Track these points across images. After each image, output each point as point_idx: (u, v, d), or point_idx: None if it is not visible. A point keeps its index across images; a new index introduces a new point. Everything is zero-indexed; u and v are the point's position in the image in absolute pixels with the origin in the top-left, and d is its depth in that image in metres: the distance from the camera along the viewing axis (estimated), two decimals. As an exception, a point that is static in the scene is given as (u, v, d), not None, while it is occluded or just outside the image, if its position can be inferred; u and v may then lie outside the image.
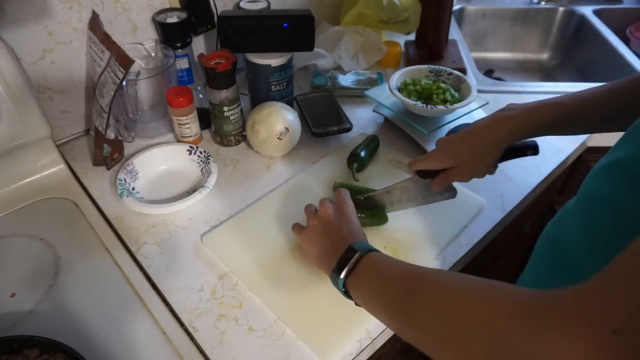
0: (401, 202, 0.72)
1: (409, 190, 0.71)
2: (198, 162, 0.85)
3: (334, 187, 0.77)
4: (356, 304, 0.52)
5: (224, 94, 0.85)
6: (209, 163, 0.83)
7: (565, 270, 0.51)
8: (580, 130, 0.67)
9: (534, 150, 0.68)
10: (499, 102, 1.01)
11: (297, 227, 0.66)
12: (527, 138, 0.64)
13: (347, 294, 0.53)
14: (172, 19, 0.89)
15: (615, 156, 0.48)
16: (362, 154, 0.83)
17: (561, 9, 1.41)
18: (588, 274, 0.40)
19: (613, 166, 0.48)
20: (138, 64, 0.89)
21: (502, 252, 1.03)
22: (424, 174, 0.67)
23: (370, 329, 0.61)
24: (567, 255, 0.51)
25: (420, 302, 0.42)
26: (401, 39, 1.18)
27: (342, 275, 0.52)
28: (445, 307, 0.39)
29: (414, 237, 0.72)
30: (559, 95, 0.63)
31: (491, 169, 0.67)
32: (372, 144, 0.86)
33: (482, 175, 0.67)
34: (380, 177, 0.83)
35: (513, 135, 0.62)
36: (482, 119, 0.65)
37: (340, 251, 0.54)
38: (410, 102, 0.84)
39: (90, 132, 0.89)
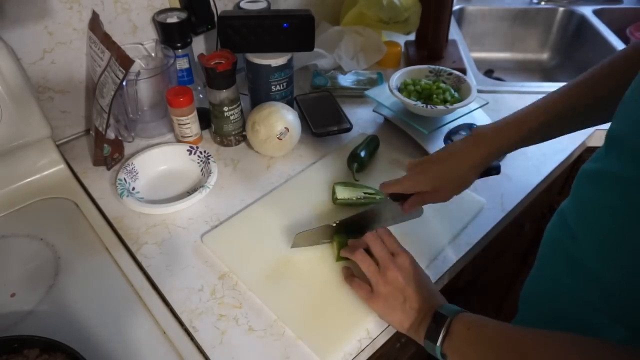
0: (373, 225, 0.71)
1: (380, 213, 0.71)
2: (198, 162, 0.85)
3: (333, 191, 0.77)
4: None
5: (224, 94, 0.85)
6: (209, 163, 0.83)
7: (580, 274, 0.51)
8: (557, 134, 0.66)
9: (497, 170, 0.70)
10: (499, 102, 1.02)
11: (362, 291, 0.62)
12: (502, 156, 0.65)
13: (443, 358, 0.53)
14: (172, 19, 0.89)
15: (608, 134, 0.48)
16: (362, 154, 0.83)
17: (561, 9, 1.41)
18: (603, 276, 0.40)
19: (610, 145, 0.48)
20: (138, 64, 0.89)
21: (502, 252, 1.03)
22: (396, 196, 0.67)
23: (370, 328, 0.61)
24: (576, 258, 0.51)
25: None
26: (401, 39, 1.18)
27: (438, 343, 0.52)
28: None
29: (413, 237, 0.72)
30: (530, 104, 0.64)
31: (464, 189, 0.67)
32: (372, 144, 0.86)
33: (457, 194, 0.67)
34: (380, 177, 0.82)
35: (491, 158, 0.63)
36: (455, 143, 0.66)
37: (427, 316, 0.55)
38: (410, 102, 0.84)
39: (91, 132, 0.89)
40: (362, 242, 0.64)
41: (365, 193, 0.76)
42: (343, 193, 0.76)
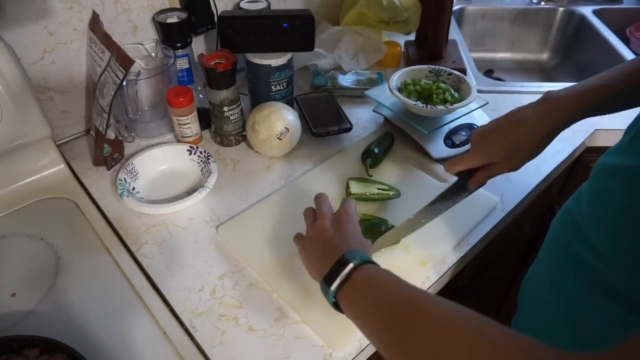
0: (441, 210, 0.69)
1: (449, 194, 0.68)
2: (198, 162, 0.85)
3: (347, 186, 0.78)
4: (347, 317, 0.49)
5: (224, 94, 0.85)
6: (209, 163, 0.83)
7: (586, 274, 0.51)
8: (622, 108, 0.63)
9: None
10: (499, 102, 1.02)
11: (297, 238, 0.62)
12: (571, 123, 0.61)
13: (337, 306, 0.50)
14: (172, 19, 0.89)
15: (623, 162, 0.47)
16: (376, 150, 0.84)
17: (561, 9, 1.41)
18: (608, 276, 0.40)
19: (620, 172, 0.47)
20: (138, 64, 0.89)
21: (502, 252, 1.03)
22: (464, 174, 0.64)
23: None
24: (582, 257, 0.51)
25: (418, 340, 0.39)
26: (401, 39, 1.18)
27: (333, 288, 0.48)
28: (450, 354, 0.36)
29: (424, 235, 0.72)
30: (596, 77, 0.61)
31: (533, 158, 0.64)
32: (386, 140, 0.87)
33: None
34: (393, 173, 0.84)
35: (564, 125, 0.60)
36: (524, 109, 0.62)
37: (333, 259, 0.50)
38: (410, 102, 0.84)
39: (91, 132, 0.89)
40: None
41: (378, 189, 0.77)
42: (357, 188, 0.76)
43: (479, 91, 0.99)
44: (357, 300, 0.47)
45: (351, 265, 0.48)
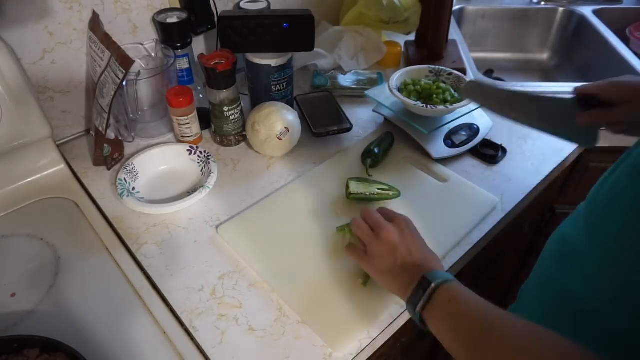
0: (537, 118, 0.65)
1: (555, 109, 0.64)
2: (198, 162, 0.85)
3: (347, 186, 0.78)
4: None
5: (224, 94, 0.85)
6: (209, 163, 0.83)
7: (580, 275, 0.51)
8: None
9: None
10: (499, 102, 1.02)
11: (356, 253, 0.62)
12: None
13: (423, 323, 0.52)
14: (172, 19, 0.89)
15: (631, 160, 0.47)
16: (376, 150, 0.84)
17: (561, 9, 1.41)
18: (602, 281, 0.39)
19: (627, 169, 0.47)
20: (138, 64, 0.89)
21: (502, 252, 1.03)
22: (583, 102, 0.61)
23: (370, 328, 0.62)
24: (573, 251, 0.51)
25: (488, 355, 0.43)
26: (401, 39, 1.18)
27: (418, 309, 0.51)
28: None
29: (424, 235, 0.72)
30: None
31: None
32: (386, 140, 0.87)
33: (638, 132, 0.61)
34: (393, 173, 0.84)
35: None
36: None
37: (414, 280, 0.53)
38: (410, 102, 0.84)
39: (91, 132, 0.89)
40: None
41: (378, 189, 0.77)
42: (357, 188, 0.76)
43: (479, 91, 0.99)
44: (439, 320, 0.50)
45: (432, 286, 0.51)
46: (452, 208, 0.77)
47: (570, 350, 0.38)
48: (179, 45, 0.91)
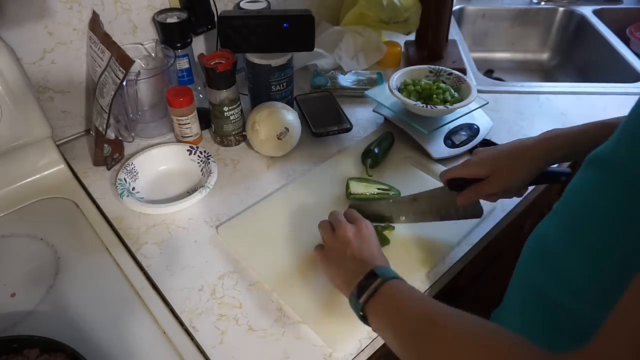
0: (421, 214, 0.71)
1: (434, 201, 0.69)
2: (198, 162, 0.85)
3: (347, 186, 0.78)
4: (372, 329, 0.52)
5: (224, 94, 0.85)
6: (209, 163, 0.83)
7: (550, 267, 0.51)
8: None
9: (567, 177, 0.65)
10: (499, 102, 1.02)
11: (317, 250, 0.64)
12: (567, 159, 0.63)
13: (364, 318, 0.52)
14: (172, 19, 0.89)
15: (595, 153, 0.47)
16: (376, 150, 0.84)
17: (561, 9, 1.41)
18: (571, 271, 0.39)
19: (593, 161, 0.47)
20: (138, 64, 0.89)
21: (501, 253, 1.03)
22: (455, 185, 0.66)
23: (370, 328, 0.61)
24: (549, 251, 0.51)
25: (431, 348, 0.43)
26: (401, 39, 1.18)
27: (361, 301, 0.51)
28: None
29: (424, 235, 0.73)
30: (590, 122, 0.62)
31: (521, 190, 0.66)
32: (386, 140, 0.87)
33: (511, 195, 0.66)
34: (393, 174, 0.84)
35: (551, 155, 0.62)
36: (526, 138, 0.65)
37: (361, 275, 0.53)
38: (410, 102, 0.84)
39: (91, 132, 0.89)
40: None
41: (378, 189, 0.77)
42: (357, 188, 0.76)
43: (479, 91, 0.99)
44: (382, 314, 0.50)
45: (379, 280, 0.51)
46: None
47: (515, 340, 0.38)
48: (179, 45, 0.91)
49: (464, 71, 1.07)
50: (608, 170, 0.44)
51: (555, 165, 0.69)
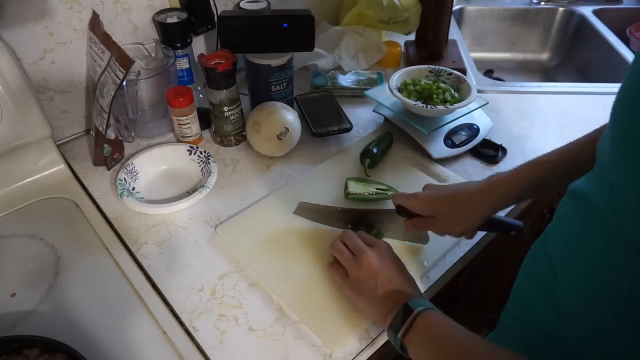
0: (367, 228, 0.71)
1: (379, 219, 0.71)
2: (198, 162, 0.85)
3: (345, 186, 0.78)
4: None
5: (224, 94, 0.85)
6: (209, 163, 0.83)
7: (552, 304, 0.50)
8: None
9: (517, 231, 0.66)
10: (499, 102, 1.02)
11: (339, 275, 0.62)
12: (513, 204, 0.64)
13: (403, 349, 0.53)
14: (172, 19, 0.89)
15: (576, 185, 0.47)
16: (375, 150, 0.84)
17: (561, 9, 1.41)
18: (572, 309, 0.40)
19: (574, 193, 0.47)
20: (138, 64, 0.89)
21: (501, 253, 1.03)
22: (403, 212, 0.67)
23: (370, 328, 0.62)
24: (544, 278, 0.50)
25: None
26: (401, 39, 1.18)
27: (399, 336, 0.52)
28: None
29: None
30: (542, 154, 0.62)
31: (468, 233, 0.65)
32: (385, 140, 0.87)
33: (458, 235, 0.66)
34: (392, 174, 0.84)
35: (495, 204, 0.62)
36: (474, 182, 0.65)
37: (395, 307, 0.54)
38: (410, 102, 0.84)
39: (91, 132, 0.89)
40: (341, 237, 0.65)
41: (377, 189, 0.77)
42: (355, 188, 0.77)
43: (479, 91, 0.99)
44: (420, 347, 0.52)
45: (414, 313, 0.52)
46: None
47: None
48: (179, 45, 0.91)
49: (464, 71, 1.07)
50: (590, 209, 0.43)
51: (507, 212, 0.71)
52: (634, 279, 0.38)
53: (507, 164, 0.86)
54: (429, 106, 0.83)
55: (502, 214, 0.77)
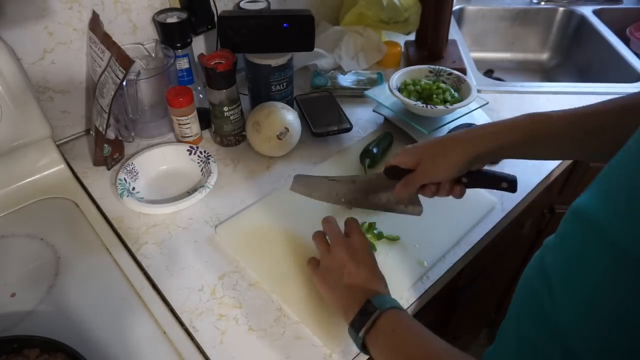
0: (361, 199, 0.69)
1: (372, 187, 0.67)
2: (198, 162, 0.85)
3: None
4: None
5: (224, 94, 0.85)
6: (209, 163, 0.83)
7: (544, 326, 0.46)
8: (563, 151, 0.61)
9: (509, 184, 0.61)
10: (499, 102, 1.02)
11: (312, 265, 0.62)
12: (502, 156, 0.60)
13: (364, 349, 0.52)
14: (172, 19, 0.89)
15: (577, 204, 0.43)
16: (375, 150, 0.84)
17: (561, 9, 1.41)
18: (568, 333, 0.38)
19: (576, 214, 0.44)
20: (138, 64, 0.89)
21: (501, 253, 1.03)
22: (392, 174, 0.64)
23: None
24: (542, 306, 0.46)
25: None
26: (401, 39, 1.18)
27: (361, 334, 0.51)
28: None
29: (423, 234, 0.72)
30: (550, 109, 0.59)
31: (453, 181, 0.61)
32: (385, 140, 0.87)
33: (446, 192, 0.62)
34: None
35: (481, 150, 0.58)
36: (457, 131, 0.62)
37: (359, 303, 0.53)
38: (410, 102, 0.84)
39: (91, 132, 0.89)
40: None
41: None
42: None
43: (479, 91, 0.99)
44: (380, 348, 0.50)
45: (377, 312, 0.51)
46: (451, 208, 0.76)
47: None
48: (179, 45, 0.91)
49: (464, 71, 1.07)
50: (595, 231, 0.40)
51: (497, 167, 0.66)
52: (636, 310, 0.35)
53: (506, 164, 0.86)
54: (429, 106, 0.83)
55: (503, 214, 0.77)
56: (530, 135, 0.57)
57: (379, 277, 0.57)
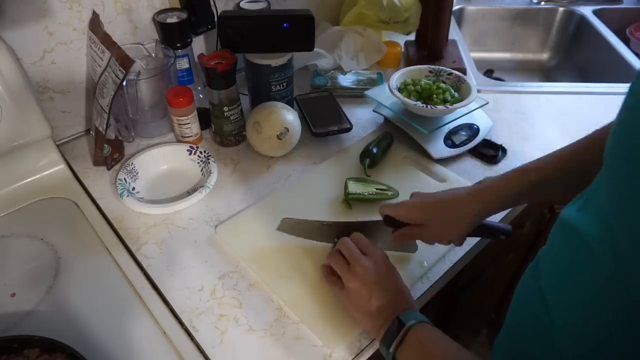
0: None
1: (366, 231, 0.68)
2: (198, 162, 0.85)
3: (345, 186, 0.78)
4: None
5: (224, 94, 0.85)
6: (209, 163, 0.83)
7: (541, 337, 0.46)
8: (559, 192, 0.61)
9: (506, 235, 0.65)
10: (499, 102, 1.02)
11: (333, 283, 0.61)
12: (500, 210, 0.62)
13: None
14: (172, 19, 0.89)
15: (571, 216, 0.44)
16: (375, 150, 0.84)
17: (561, 9, 1.41)
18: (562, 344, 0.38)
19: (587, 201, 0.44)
20: (138, 64, 0.89)
21: (502, 252, 1.03)
22: (390, 223, 0.65)
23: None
24: (538, 320, 0.46)
25: None
26: (401, 39, 1.18)
27: (391, 350, 0.53)
28: None
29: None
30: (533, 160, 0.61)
31: (457, 240, 0.63)
32: (385, 140, 0.87)
33: (447, 243, 0.64)
34: (391, 174, 0.84)
35: (484, 211, 0.61)
36: (462, 187, 0.64)
37: (389, 321, 0.55)
38: (410, 102, 0.84)
39: (91, 132, 0.89)
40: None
41: (377, 189, 0.77)
42: (355, 188, 0.77)
43: (479, 91, 0.99)
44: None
45: (405, 327, 0.53)
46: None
47: None
48: (179, 45, 0.91)
49: (464, 71, 1.07)
50: (585, 247, 0.40)
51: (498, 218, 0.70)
52: (630, 330, 0.35)
53: (507, 164, 0.86)
54: (429, 106, 0.83)
55: (502, 215, 0.77)
56: (534, 183, 0.59)
57: (405, 293, 0.59)
